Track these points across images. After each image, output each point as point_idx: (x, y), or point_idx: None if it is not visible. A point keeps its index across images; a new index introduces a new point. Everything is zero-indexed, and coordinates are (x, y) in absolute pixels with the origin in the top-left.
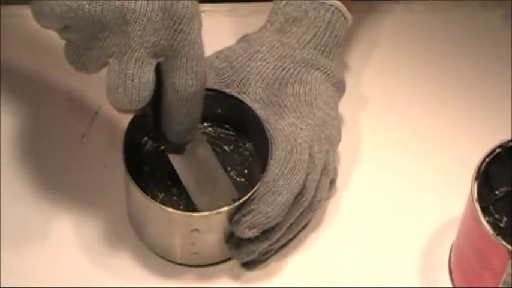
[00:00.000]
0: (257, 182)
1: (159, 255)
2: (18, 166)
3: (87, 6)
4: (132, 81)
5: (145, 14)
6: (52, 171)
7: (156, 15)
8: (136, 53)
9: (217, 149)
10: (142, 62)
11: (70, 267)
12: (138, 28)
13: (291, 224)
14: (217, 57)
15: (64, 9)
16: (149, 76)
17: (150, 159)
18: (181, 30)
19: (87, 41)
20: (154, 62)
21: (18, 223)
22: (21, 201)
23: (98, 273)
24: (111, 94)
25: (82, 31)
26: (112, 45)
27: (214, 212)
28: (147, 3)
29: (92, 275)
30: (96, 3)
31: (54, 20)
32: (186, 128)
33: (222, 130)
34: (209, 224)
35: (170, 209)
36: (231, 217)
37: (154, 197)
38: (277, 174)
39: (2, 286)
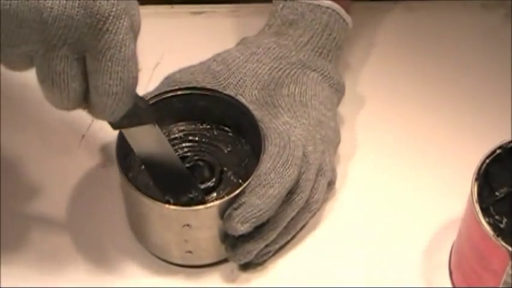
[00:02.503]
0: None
1: (156, 256)
2: (18, 166)
3: (2, 1)
4: (60, 76)
5: (64, 12)
6: (52, 172)
7: (77, 12)
8: (61, 51)
9: (216, 150)
10: (67, 58)
11: (69, 267)
12: (57, 25)
13: (288, 225)
14: (214, 61)
15: None
16: (77, 71)
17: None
18: (106, 29)
19: (8, 37)
20: (81, 58)
21: (18, 223)
22: (21, 201)
23: (97, 273)
24: (42, 88)
25: (1, 29)
26: (35, 42)
27: (204, 206)
28: (66, 1)
29: (92, 275)
30: None
31: None
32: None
33: (220, 131)
34: (200, 219)
35: (160, 203)
36: (223, 212)
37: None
38: (269, 168)
39: (2, 286)
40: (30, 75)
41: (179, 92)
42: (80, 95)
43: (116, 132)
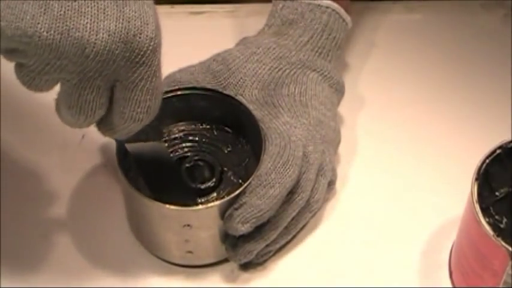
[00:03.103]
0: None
1: (156, 256)
2: (18, 166)
3: (44, 33)
4: (89, 104)
5: (105, 47)
6: (52, 171)
7: (117, 47)
8: (95, 82)
9: (216, 150)
10: (99, 89)
11: (69, 267)
12: (97, 60)
13: (289, 225)
14: (214, 60)
15: (16, 33)
16: (106, 99)
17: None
18: (142, 63)
19: (42, 66)
20: (110, 87)
21: (18, 223)
22: (21, 201)
23: (97, 273)
24: (66, 112)
25: (37, 57)
26: (70, 73)
27: (205, 206)
28: (109, 36)
29: (91, 275)
30: (54, 31)
31: (2, 41)
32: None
33: (220, 131)
34: (200, 219)
35: (160, 203)
36: (223, 212)
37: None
38: (270, 168)
39: (2, 286)
40: None
41: (179, 92)
42: (99, 118)
43: None
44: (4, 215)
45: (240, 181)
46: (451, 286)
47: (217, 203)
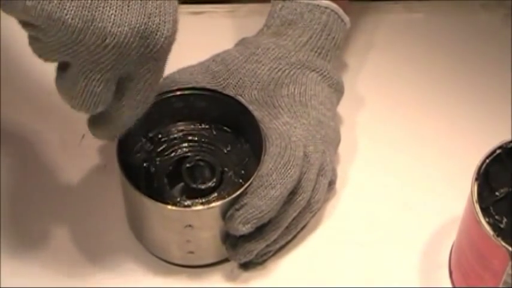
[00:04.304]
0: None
1: (157, 256)
2: (18, 166)
3: (69, 20)
4: (93, 97)
5: (124, 40)
6: (52, 171)
7: (135, 41)
8: (105, 75)
9: (215, 150)
10: (108, 82)
11: (69, 267)
12: (114, 52)
13: (289, 225)
14: (213, 61)
15: (41, 14)
16: (111, 94)
17: (147, 162)
18: (153, 58)
19: (58, 45)
20: (116, 82)
21: (18, 223)
22: (21, 201)
23: (97, 273)
24: (68, 99)
25: (56, 38)
26: (84, 60)
27: (206, 206)
28: (129, 30)
29: (91, 275)
30: (79, 19)
31: (24, 15)
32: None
33: (219, 131)
34: (202, 220)
35: (162, 204)
36: (224, 213)
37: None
38: (271, 168)
39: (2, 286)
40: (30, 72)
41: (178, 92)
42: (98, 111)
43: None
44: (4, 215)
45: (241, 181)
46: (451, 286)
47: (218, 203)
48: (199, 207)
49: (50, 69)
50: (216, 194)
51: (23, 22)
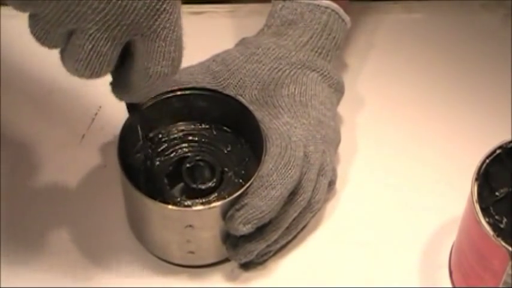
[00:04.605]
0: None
1: (157, 256)
2: (18, 166)
3: None
4: (99, 58)
5: None
6: (52, 171)
7: None
8: (112, 32)
9: (216, 150)
10: (115, 41)
11: (69, 267)
12: (119, 5)
13: (290, 225)
14: (214, 61)
15: None
16: (117, 54)
17: (147, 162)
18: (164, 9)
19: (59, 14)
20: (127, 40)
21: (18, 223)
22: (21, 201)
23: (97, 273)
24: (71, 64)
25: (54, 4)
26: (88, 21)
27: (207, 207)
28: None
29: (91, 275)
30: None
31: None
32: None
33: (219, 131)
34: (203, 220)
35: (163, 204)
36: (225, 213)
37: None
38: (271, 169)
39: (2, 286)
40: (30, 72)
41: (178, 92)
42: (104, 75)
43: (116, 132)
44: (4, 214)
45: (241, 181)
46: (451, 286)
47: (219, 203)
48: (200, 207)
49: (50, 69)
50: (216, 194)
51: (20, 1)
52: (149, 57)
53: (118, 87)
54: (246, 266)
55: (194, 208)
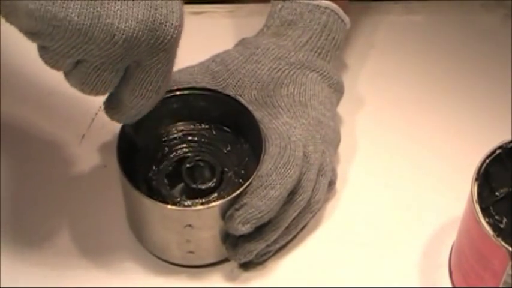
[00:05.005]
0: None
1: (157, 256)
2: (18, 166)
3: (75, 18)
4: (104, 83)
5: (133, 35)
6: (52, 172)
7: (143, 34)
8: (116, 65)
9: (215, 150)
10: (118, 71)
11: (69, 267)
12: (124, 46)
13: (289, 225)
14: (213, 61)
15: (46, 16)
16: (120, 78)
17: (147, 161)
18: (163, 49)
19: (68, 49)
20: (126, 68)
21: (18, 223)
22: (21, 201)
23: (97, 273)
24: (77, 85)
25: (64, 40)
26: (94, 56)
27: (206, 206)
28: (137, 24)
29: (91, 275)
30: (85, 17)
31: (28, 22)
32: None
33: (219, 131)
34: (202, 219)
35: (163, 204)
36: (224, 213)
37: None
38: (271, 168)
39: (2, 286)
40: (30, 73)
41: (178, 93)
42: (108, 98)
43: (116, 132)
44: (4, 214)
45: (241, 181)
46: (451, 286)
47: (218, 203)
48: (199, 207)
49: (50, 69)
50: (216, 194)
51: (29, 33)
52: (138, 83)
53: (109, 107)
54: (246, 266)
55: (193, 208)
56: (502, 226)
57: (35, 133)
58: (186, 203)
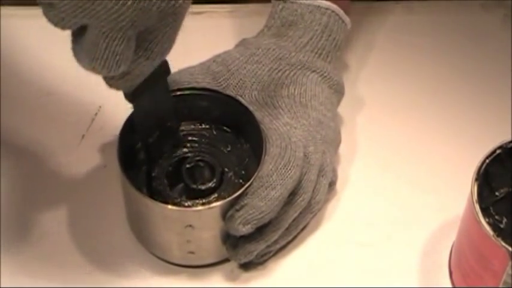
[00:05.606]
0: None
1: (157, 256)
2: (18, 166)
3: None
4: (115, 57)
5: None
6: (52, 172)
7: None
8: (127, 32)
9: (216, 151)
10: (129, 40)
11: (69, 267)
12: (134, 8)
13: (290, 226)
14: (214, 61)
15: None
16: (132, 51)
17: (147, 162)
18: (173, 13)
19: (72, 9)
20: (135, 36)
21: (18, 223)
22: (21, 202)
23: (97, 273)
24: (88, 62)
25: None
26: (102, 20)
27: (207, 207)
28: None
29: (92, 275)
30: None
31: None
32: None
33: (219, 131)
34: (202, 220)
35: (163, 204)
36: (225, 213)
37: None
38: (271, 169)
39: (2, 286)
40: (30, 73)
41: (178, 93)
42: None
43: (116, 132)
44: (4, 215)
45: (241, 181)
46: (451, 286)
47: (219, 203)
48: (200, 207)
49: (50, 69)
50: (216, 195)
51: None
52: (144, 43)
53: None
54: (246, 266)
55: (194, 208)
56: (502, 226)
57: (34, 133)
58: (186, 204)
